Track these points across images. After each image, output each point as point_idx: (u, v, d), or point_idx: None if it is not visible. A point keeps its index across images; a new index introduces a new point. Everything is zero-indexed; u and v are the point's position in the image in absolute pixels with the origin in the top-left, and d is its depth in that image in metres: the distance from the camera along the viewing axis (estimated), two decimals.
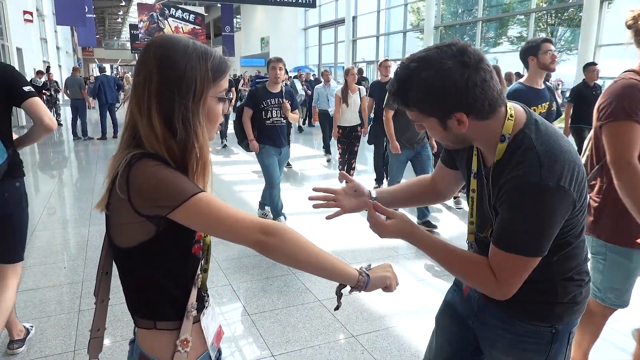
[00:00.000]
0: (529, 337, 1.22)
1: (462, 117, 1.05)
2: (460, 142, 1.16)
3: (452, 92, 1.02)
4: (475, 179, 1.22)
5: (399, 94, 1.11)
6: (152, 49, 0.99)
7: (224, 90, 1.05)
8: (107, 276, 1.13)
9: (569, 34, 15.92)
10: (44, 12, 20.34)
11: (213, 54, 1.03)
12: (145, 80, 0.97)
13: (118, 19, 46.07)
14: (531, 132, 1.09)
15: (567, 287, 1.19)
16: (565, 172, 1.03)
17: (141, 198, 0.93)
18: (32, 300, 3.09)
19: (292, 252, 0.96)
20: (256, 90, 4.43)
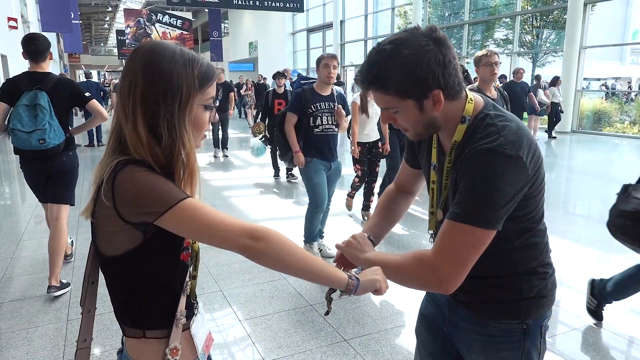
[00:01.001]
0: (501, 336, 1.21)
1: (439, 95, 1.06)
2: (431, 127, 1.14)
3: (432, 68, 1.03)
4: (435, 170, 1.24)
5: (377, 80, 1.07)
6: (139, 54, 0.98)
7: (210, 97, 1.04)
8: (93, 286, 1.11)
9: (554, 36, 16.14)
10: (29, 19, 20.12)
11: (200, 60, 1.02)
12: (130, 86, 0.96)
13: (105, 25, 45.76)
14: (490, 112, 1.11)
15: (531, 281, 1.18)
16: (524, 145, 1.04)
17: (127, 205, 0.92)
18: (19, 310, 3.04)
19: (280, 257, 0.95)
20: (303, 93, 3.73)
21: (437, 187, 1.24)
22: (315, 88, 3.76)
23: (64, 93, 3.20)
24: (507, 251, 1.15)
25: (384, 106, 1.12)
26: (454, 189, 1.13)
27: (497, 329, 1.21)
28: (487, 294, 1.20)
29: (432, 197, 1.26)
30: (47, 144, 3.06)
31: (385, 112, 1.15)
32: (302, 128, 3.74)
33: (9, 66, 13.92)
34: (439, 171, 1.22)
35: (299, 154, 3.72)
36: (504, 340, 1.21)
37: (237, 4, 15.47)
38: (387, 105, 1.12)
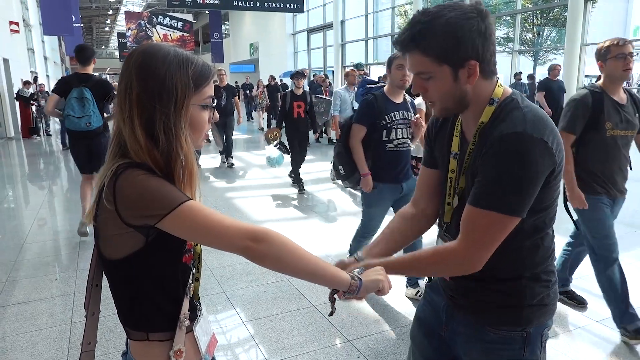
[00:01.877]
0: (501, 343, 1.19)
1: (475, 67, 1.06)
2: (460, 103, 1.12)
3: (473, 35, 1.04)
4: (455, 159, 1.21)
5: (418, 37, 1.06)
6: (133, 57, 0.98)
7: (208, 97, 1.04)
8: (97, 288, 1.11)
9: (555, 34, 16.12)
10: (31, 22, 20.20)
11: (194, 60, 1.01)
12: (126, 89, 0.97)
13: (106, 28, 45.85)
14: (517, 98, 1.12)
15: (534, 288, 1.17)
16: (548, 132, 1.04)
17: (128, 208, 0.92)
18: (23, 313, 3.04)
19: (281, 258, 0.95)
20: (375, 100, 3.03)
21: (455, 177, 1.21)
22: (387, 94, 3.06)
23: (101, 90, 4.27)
24: (516, 250, 1.14)
25: (420, 70, 1.10)
26: (472, 173, 1.12)
27: (496, 335, 1.19)
28: (488, 298, 1.19)
29: (450, 187, 1.23)
30: (91, 126, 4.21)
31: (417, 79, 1.12)
32: (371, 143, 3.04)
33: (11, 69, 13.97)
34: (460, 159, 1.20)
35: (368, 177, 3.03)
36: (504, 347, 1.19)
37: (238, 5, 15.50)
38: (422, 69, 1.09)
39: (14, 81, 14.10)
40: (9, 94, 13.48)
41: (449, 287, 1.28)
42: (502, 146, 1.03)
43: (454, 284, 1.26)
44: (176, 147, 0.98)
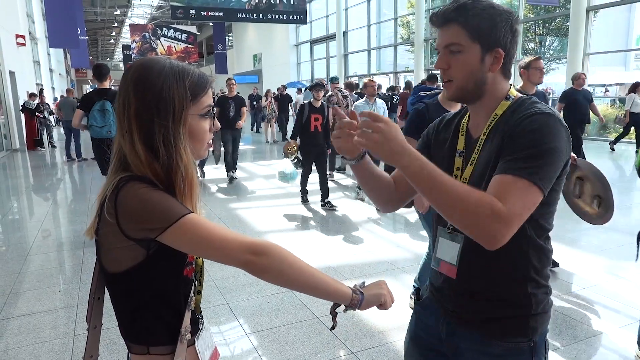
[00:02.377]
0: (509, 355, 1.16)
1: (501, 56, 1.12)
2: (478, 88, 1.14)
3: (507, 29, 1.11)
4: (461, 157, 1.22)
5: (462, 10, 1.10)
6: (130, 73, 0.99)
7: (206, 106, 1.03)
8: (99, 301, 1.11)
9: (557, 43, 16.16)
10: (37, 35, 20.44)
11: (190, 71, 1.01)
12: (124, 104, 0.97)
13: (111, 40, 46.37)
14: (532, 98, 1.16)
15: (537, 295, 1.16)
16: (564, 122, 1.09)
17: (129, 221, 0.92)
18: (26, 326, 3.04)
19: (282, 272, 0.94)
20: (427, 110, 2.71)
21: (460, 174, 1.20)
22: (441, 103, 2.74)
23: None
24: (523, 252, 1.13)
25: (453, 41, 1.11)
26: (486, 160, 1.12)
27: (503, 349, 1.16)
28: (494, 310, 1.17)
29: None
30: (111, 134, 4.72)
31: (444, 53, 1.14)
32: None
33: (17, 81, 14.11)
34: (466, 156, 1.20)
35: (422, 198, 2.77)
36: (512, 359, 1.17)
37: (241, 17, 15.64)
38: (456, 40, 1.11)
39: (20, 93, 14.24)
40: (14, 106, 13.60)
41: (449, 302, 1.24)
42: (534, 123, 1.05)
43: (454, 296, 1.23)
44: (176, 159, 0.98)
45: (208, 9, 14.90)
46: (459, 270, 1.19)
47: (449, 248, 1.22)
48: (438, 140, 1.31)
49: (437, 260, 1.26)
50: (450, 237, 1.22)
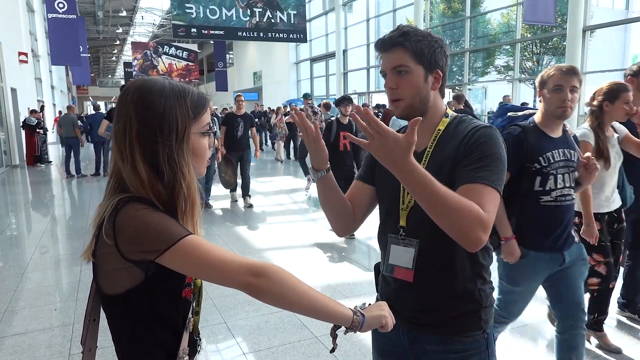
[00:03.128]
0: (469, 349, 1.27)
1: (440, 77, 1.26)
2: (423, 105, 1.26)
3: (443, 53, 1.27)
4: None
5: (406, 35, 1.22)
6: (129, 94, 0.99)
7: (206, 124, 1.05)
8: (94, 323, 1.10)
9: (554, 62, 16.32)
10: (39, 53, 20.64)
11: (190, 90, 1.03)
12: (125, 127, 0.97)
13: (112, 57, 46.82)
14: (466, 116, 1.32)
15: (485, 290, 1.28)
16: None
17: (128, 243, 0.91)
18: (20, 345, 3.00)
19: (282, 294, 0.94)
20: (524, 135, 2.15)
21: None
22: (539, 126, 2.18)
23: None
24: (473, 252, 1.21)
25: (400, 63, 1.23)
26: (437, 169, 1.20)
27: (463, 344, 1.27)
28: (451, 308, 1.27)
29: (403, 195, 1.30)
30: None
31: (392, 75, 1.25)
32: (517, 195, 2.14)
33: (19, 98, 14.20)
34: None
35: (513, 242, 2.12)
36: (473, 353, 1.27)
37: (242, 35, 15.81)
38: (402, 63, 1.23)
39: (21, 110, 14.31)
40: (15, 123, 13.66)
41: (406, 308, 1.30)
42: (485, 134, 1.20)
43: (411, 302, 1.30)
44: (179, 179, 0.98)
45: (209, 28, 15.08)
46: (416, 273, 1.27)
47: (403, 253, 1.29)
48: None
49: (390, 266, 1.33)
50: (403, 244, 1.29)
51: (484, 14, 17.05)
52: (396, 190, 1.30)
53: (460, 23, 17.08)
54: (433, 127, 1.29)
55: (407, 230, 1.29)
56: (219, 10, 14.67)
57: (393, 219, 1.32)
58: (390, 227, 1.33)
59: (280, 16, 15.45)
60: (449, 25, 18.44)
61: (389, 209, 1.34)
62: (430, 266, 1.26)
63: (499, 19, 17.03)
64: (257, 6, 15.13)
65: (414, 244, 1.27)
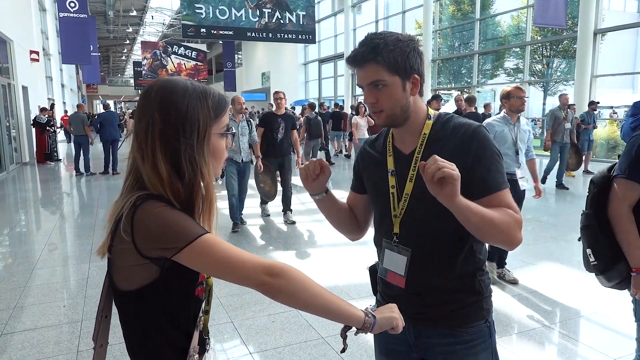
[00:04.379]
0: (475, 339, 1.30)
1: (417, 80, 1.25)
2: (404, 112, 1.25)
3: (416, 56, 1.24)
4: (393, 175, 1.32)
5: (377, 50, 1.20)
6: (152, 93, 1.00)
7: (225, 125, 1.06)
8: (106, 320, 1.10)
9: (564, 65, 16.21)
10: (50, 52, 20.85)
11: (212, 92, 1.04)
12: (147, 126, 0.98)
13: (122, 57, 47.16)
14: (450, 114, 1.33)
15: (484, 281, 1.32)
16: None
17: (146, 240, 0.92)
18: (29, 341, 3.02)
19: (297, 294, 0.94)
20: None
21: (396, 191, 1.31)
22: None
23: None
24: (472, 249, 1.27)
25: (376, 79, 1.22)
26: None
27: (469, 334, 1.30)
28: (455, 302, 1.29)
29: (393, 201, 1.31)
30: None
31: (370, 90, 1.24)
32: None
33: (30, 96, 14.34)
34: (398, 175, 1.31)
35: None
36: (478, 343, 1.30)
37: (251, 36, 15.85)
38: (378, 78, 1.21)
39: (32, 108, 14.45)
40: (26, 121, 13.79)
41: (410, 306, 1.31)
42: (480, 137, 1.22)
43: (414, 300, 1.31)
44: (198, 179, 1.00)
45: (219, 28, 15.13)
46: (408, 280, 1.30)
47: (396, 260, 1.32)
48: (366, 169, 1.42)
49: (383, 269, 1.36)
50: (397, 250, 1.32)
51: (494, 16, 16.97)
52: (385, 198, 1.33)
53: (470, 25, 17.02)
54: (418, 130, 1.29)
55: (401, 237, 1.31)
56: (229, 10, 14.72)
57: (387, 225, 1.34)
58: (384, 232, 1.35)
59: (289, 17, 15.47)
60: (459, 27, 18.37)
61: (381, 215, 1.36)
62: (426, 272, 1.28)
63: (508, 22, 16.94)
64: (267, 7, 15.16)
65: (407, 252, 1.29)
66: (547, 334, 3.08)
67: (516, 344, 2.97)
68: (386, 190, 1.32)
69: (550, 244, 5.05)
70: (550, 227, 5.89)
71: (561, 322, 3.23)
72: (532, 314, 3.35)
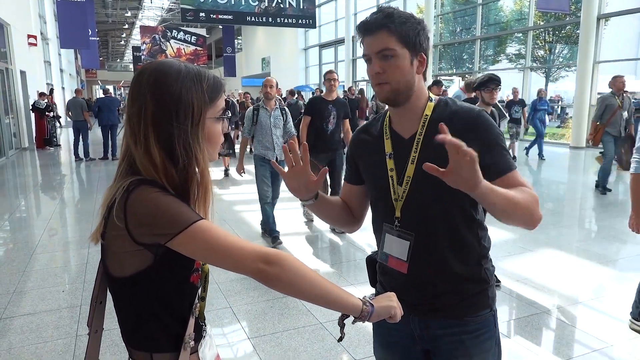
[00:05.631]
0: (481, 328, 1.29)
1: (424, 59, 1.23)
2: (408, 89, 1.23)
3: (426, 37, 1.23)
4: (391, 158, 1.29)
5: (391, 18, 1.18)
6: (145, 76, 0.97)
7: (221, 109, 1.04)
8: (101, 306, 1.10)
9: (567, 51, 16.07)
10: (48, 36, 20.65)
11: (207, 74, 1.01)
12: (140, 111, 0.95)
13: (121, 42, 46.76)
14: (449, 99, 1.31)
15: (489, 269, 1.31)
16: None
17: (139, 226, 0.90)
18: (28, 325, 3.04)
19: (293, 282, 0.93)
20: None
21: (395, 174, 1.28)
22: None
23: None
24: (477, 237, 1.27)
25: (386, 47, 1.18)
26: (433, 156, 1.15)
27: (475, 323, 1.29)
28: (460, 292, 1.28)
29: (392, 185, 1.29)
30: None
31: (379, 59, 1.20)
32: None
33: (28, 81, 14.24)
34: (397, 156, 1.28)
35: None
36: (484, 331, 1.30)
37: (251, 20, 15.70)
38: (388, 46, 1.18)
39: (30, 93, 14.37)
40: (24, 106, 13.72)
41: (413, 297, 1.29)
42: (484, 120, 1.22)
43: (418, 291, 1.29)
44: (193, 164, 0.98)
45: (218, 12, 14.97)
46: (411, 266, 1.27)
47: (398, 245, 1.29)
48: (361, 156, 1.39)
49: (384, 254, 1.33)
50: (398, 234, 1.29)
51: (496, 1, 16.76)
52: (385, 182, 1.30)
53: (472, 10, 16.82)
54: (420, 111, 1.26)
55: (403, 221, 1.28)
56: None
57: (387, 209, 1.30)
58: (384, 216, 1.32)
59: (289, 1, 15.30)
60: (460, 12, 18.17)
61: (381, 200, 1.33)
62: (430, 259, 1.26)
63: (511, 6, 16.75)
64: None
65: (410, 236, 1.26)
66: (545, 320, 3.09)
67: (514, 330, 2.98)
68: (384, 174, 1.30)
69: (550, 230, 5.05)
70: (550, 214, 5.89)
71: (559, 308, 3.24)
72: (531, 300, 3.37)
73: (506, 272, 3.87)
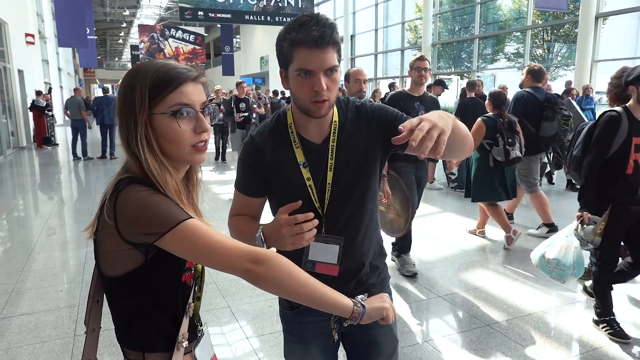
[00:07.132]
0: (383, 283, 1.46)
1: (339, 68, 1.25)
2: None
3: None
4: (306, 167, 1.27)
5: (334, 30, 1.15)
6: (125, 76, 1.00)
7: (176, 104, 0.94)
8: (97, 304, 1.10)
9: (565, 50, 16.08)
10: (46, 34, 20.58)
11: (160, 67, 0.95)
12: (120, 110, 0.98)
13: (119, 40, 46.64)
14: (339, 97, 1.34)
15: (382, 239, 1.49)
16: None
17: (128, 225, 0.90)
18: (26, 325, 3.04)
19: (281, 282, 0.92)
20: None
21: (313, 182, 1.27)
22: None
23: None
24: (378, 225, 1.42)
25: (333, 64, 1.16)
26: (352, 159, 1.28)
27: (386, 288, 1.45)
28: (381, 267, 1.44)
29: (313, 194, 1.27)
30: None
31: (326, 76, 1.16)
32: None
33: (25, 80, 14.21)
34: (312, 165, 1.27)
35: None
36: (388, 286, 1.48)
37: (249, 19, 15.68)
38: (334, 63, 1.17)
39: (28, 92, 14.33)
40: (22, 105, 13.69)
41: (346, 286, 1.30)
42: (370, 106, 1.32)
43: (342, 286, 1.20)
44: (147, 160, 0.94)
45: (216, 11, 14.94)
46: (341, 266, 1.30)
47: (325, 250, 1.29)
48: (271, 168, 1.29)
49: (311, 262, 1.30)
50: (323, 241, 1.28)
51: (495, 0, 16.76)
52: (305, 193, 1.26)
53: (470, 9, 16.82)
54: (326, 118, 1.25)
55: (327, 228, 1.29)
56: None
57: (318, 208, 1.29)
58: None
59: (287, 0, 15.27)
60: (459, 11, 18.16)
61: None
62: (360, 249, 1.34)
63: (509, 5, 16.74)
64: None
65: (339, 240, 1.28)
66: (488, 333, 3.09)
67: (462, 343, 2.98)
68: (302, 183, 1.27)
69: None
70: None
71: (507, 321, 3.24)
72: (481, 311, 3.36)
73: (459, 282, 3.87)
